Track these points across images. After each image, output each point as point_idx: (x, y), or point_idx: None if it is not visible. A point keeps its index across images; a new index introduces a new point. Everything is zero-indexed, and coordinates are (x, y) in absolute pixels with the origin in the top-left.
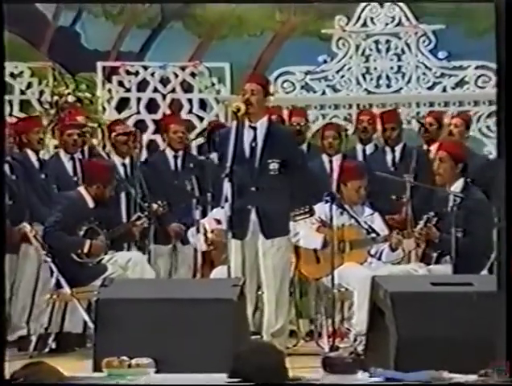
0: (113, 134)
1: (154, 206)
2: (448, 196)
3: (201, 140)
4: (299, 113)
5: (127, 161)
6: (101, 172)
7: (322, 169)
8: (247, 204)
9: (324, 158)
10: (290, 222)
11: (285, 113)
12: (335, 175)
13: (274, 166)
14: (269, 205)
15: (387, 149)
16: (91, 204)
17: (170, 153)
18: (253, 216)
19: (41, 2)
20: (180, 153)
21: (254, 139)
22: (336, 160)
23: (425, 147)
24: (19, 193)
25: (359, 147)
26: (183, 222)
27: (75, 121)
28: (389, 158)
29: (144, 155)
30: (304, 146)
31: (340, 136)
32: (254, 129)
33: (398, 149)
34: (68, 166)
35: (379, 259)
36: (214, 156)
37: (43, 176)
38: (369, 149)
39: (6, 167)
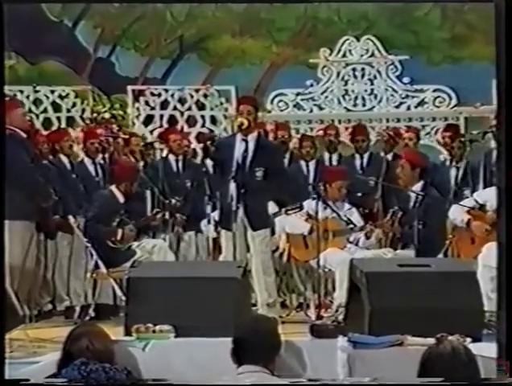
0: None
1: (173, 201)
2: (410, 195)
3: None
4: (283, 128)
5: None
6: (127, 172)
7: (300, 171)
8: (237, 203)
9: (302, 163)
10: (270, 217)
11: (270, 128)
12: (311, 177)
13: (259, 174)
14: (254, 204)
15: (357, 156)
16: (121, 200)
17: (172, 158)
18: (240, 212)
19: (41, 2)
20: (180, 157)
21: (246, 150)
22: (312, 165)
23: (382, 154)
24: (54, 191)
25: (326, 156)
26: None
27: (94, 133)
28: (358, 163)
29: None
30: (288, 154)
31: (314, 145)
32: (246, 141)
33: (365, 156)
34: (91, 168)
35: (356, 245)
36: (218, 162)
37: (74, 176)
38: (335, 156)
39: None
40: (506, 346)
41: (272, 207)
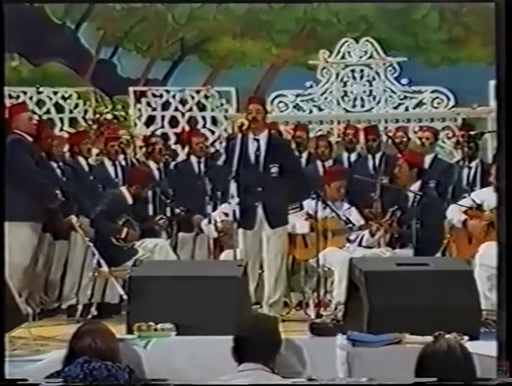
0: (148, 144)
1: (177, 210)
2: (408, 194)
3: (213, 149)
4: (301, 129)
5: (160, 166)
6: (140, 177)
7: (316, 172)
8: (254, 201)
9: (318, 163)
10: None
11: (288, 129)
12: None
13: (274, 170)
14: (272, 201)
15: (369, 156)
16: (130, 201)
17: (194, 160)
18: (259, 211)
19: (42, 2)
20: (202, 159)
21: (258, 149)
22: (328, 165)
23: (399, 155)
24: (69, 191)
25: (345, 155)
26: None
27: (116, 134)
28: (370, 163)
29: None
30: (305, 154)
31: (330, 145)
32: (258, 140)
33: (377, 156)
34: (111, 170)
35: (360, 243)
36: (224, 162)
37: (91, 178)
38: (354, 156)
39: (59, 171)
40: (506, 345)
41: None
